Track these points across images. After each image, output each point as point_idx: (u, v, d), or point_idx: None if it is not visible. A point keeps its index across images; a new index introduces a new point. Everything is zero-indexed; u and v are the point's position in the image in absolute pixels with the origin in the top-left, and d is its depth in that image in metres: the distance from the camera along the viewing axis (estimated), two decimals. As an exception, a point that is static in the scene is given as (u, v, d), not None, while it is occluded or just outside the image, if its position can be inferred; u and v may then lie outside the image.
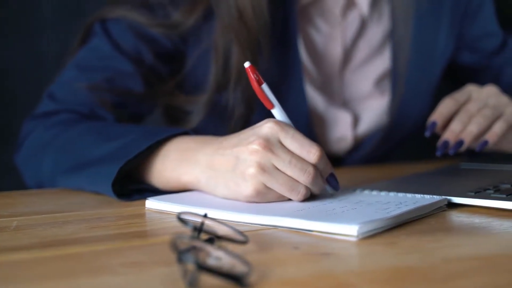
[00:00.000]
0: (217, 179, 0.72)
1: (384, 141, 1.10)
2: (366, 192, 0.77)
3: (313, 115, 1.04)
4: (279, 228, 0.64)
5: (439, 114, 0.93)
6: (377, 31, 1.06)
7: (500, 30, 1.18)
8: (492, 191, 0.74)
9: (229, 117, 0.94)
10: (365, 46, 1.06)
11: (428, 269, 0.51)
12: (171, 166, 0.77)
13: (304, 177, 0.69)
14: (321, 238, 0.60)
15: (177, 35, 0.95)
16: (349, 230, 0.59)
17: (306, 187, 0.70)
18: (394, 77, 1.06)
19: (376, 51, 1.07)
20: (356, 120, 1.07)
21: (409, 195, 0.74)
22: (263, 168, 0.69)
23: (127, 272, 0.51)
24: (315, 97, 1.04)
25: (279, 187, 0.69)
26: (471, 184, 0.79)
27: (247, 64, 0.71)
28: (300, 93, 1.02)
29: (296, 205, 0.70)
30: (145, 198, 0.75)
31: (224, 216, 0.67)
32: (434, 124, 0.93)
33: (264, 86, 0.72)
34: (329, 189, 0.75)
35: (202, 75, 0.96)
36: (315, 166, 0.70)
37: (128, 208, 0.75)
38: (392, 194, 0.76)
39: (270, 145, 0.69)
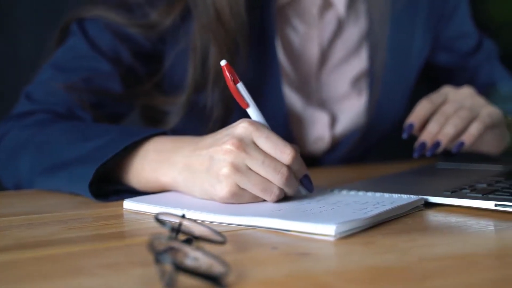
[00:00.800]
0: (193, 180, 0.72)
1: (361, 141, 1.11)
2: (344, 192, 0.78)
3: (291, 116, 1.04)
4: (257, 228, 0.64)
5: (416, 116, 0.94)
6: (353, 31, 1.07)
7: (476, 31, 1.19)
8: (468, 191, 0.75)
9: (207, 118, 0.94)
10: (341, 47, 1.07)
11: (405, 269, 0.51)
12: (150, 167, 0.77)
13: (277, 178, 0.69)
14: (299, 238, 0.60)
15: (156, 34, 0.95)
16: (327, 230, 0.59)
17: (280, 188, 0.70)
18: (371, 78, 1.07)
19: (353, 52, 1.08)
20: (333, 120, 1.08)
21: (386, 195, 0.75)
22: (236, 168, 0.69)
23: (104, 273, 0.50)
24: (292, 97, 1.05)
25: (252, 188, 0.69)
26: (448, 184, 0.80)
27: (223, 63, 0.71)
28: (278, 94, 1.02)
29: (274, 205, 0.70)
30: (122, 199, 0.75)
31: (202, 216, 0.67)
32: (411, 125, 0.93)
33: (240, 85, 0.72)
34: (303, 190, 0.75)
35: (180, 76, 0.96)
36: (289, 167, 0.70)
37: (105, 209, 0.74)
38: (369, 194, 0.76)
39: (243, 145, 0.69)
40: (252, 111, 0.73)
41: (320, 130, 1.07)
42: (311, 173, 0.75)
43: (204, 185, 0.71)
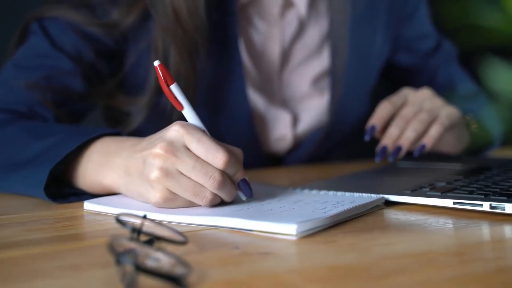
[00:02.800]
0: (131, 184, 0.71)
1: (323, 141, 1.11)
2: (306, 191, 0.78)
3: (254, 115, 1.05)
4: (219, 228, 0.64)
5: (377, 118, 0.95)
6: (315, 31, 1.08)
7: (435, 32, 1.21)
8: (427, 189, 0.76)
9: (167, 119, 0.94)
10: (303, 46, 1.07)
11: (365, 267, 0.52)
12: (93, 169, 0.76)
13: (209, 183, 0.67)
14: (261, 238, 0.60)
15: (117, 33, 0.94)
16: (288, 229, 0.60)
17: (213, 193, 0.68)
18: (332, 77, 1.08)
19: (314, 51, 1.08)
20: (295, 120, 1.08)
21: (347, 194, 0.75)
22: (166, 173, 0.67)
23: (64, 275, 0.50)
24: (255, 97, 1.05)
25: (184, 192, 0.68)
26: (408, 183, 0.81)
27: (156, 63, 0.69)
28: (242, 94, 1.02)
29: (235, 205, 0.70)
30: (82, 200, 0.74)
31: (164, 217, 0.66)
32: (373, 128, 0.94)
33: (173, 87, 0.70)
34: (242, 195, 0.72)
35: (143, 76, 0.95)
36: (222, 171, 0.68)
37: (66, 210, 0.74)
38: (331, 193, 0.77)
39: (173, 149, 0.67)
40: (187, 113, 0.71)
41: (283, 130, 1.07)
42: (274, 172, 0.75)
43: (139, 189, 0.70)
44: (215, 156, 0.67)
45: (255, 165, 1.05)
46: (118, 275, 0.46)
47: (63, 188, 0.78)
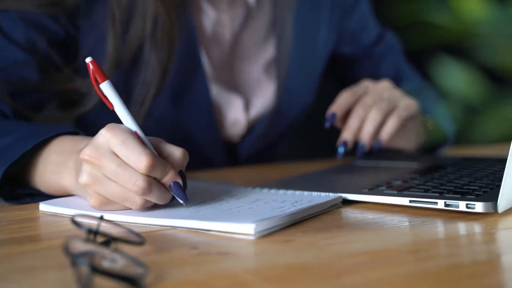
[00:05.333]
0: (79, 186, 0.70)
1: (272, 126, 1.12)
2: (264, 191, 0.78)
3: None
4: (178, 228, 0.63)
5: (338, 106, 0.98)
6: (262, 20, 1.09)
7: (377, 23, 1.24)
8: (384, 188, 0.76)
9: (127, 99, 0.93)
10: (252, 34, 1.09)
11: (322, 265, 0.52)
12: (51, 169, 0.75)
13: (133, 188, 0.65)
14: (219, 238, 0.60)
15: (63, 13, 0.93)
16: (246, 229, 0.60)
17: (142, 197, 0.66)
18: (277, 66, 1.10)
19: (262, 39, 1.10)
20: (247, 105, 1.10)
21: (305, 193, 0.76)
22: (93, 178, 0.66)
23: (19, 278, 0.49)
24: (209, 83, 1.06)
25: (113, 197, 0.66)
26: (365, 181, 0.81)
27: (88, 59, 0.68)
28: (202, 80, 1.03)
29: (193, 205, 0.70)
30: (37, 201, 0.73)
31: (121, 218, 0.66)
32: (333, 115, 0.97)
33: (105, 84, 0.68)
34: (179, 199, 0.69)
35: (98, 59, 0.95)
36: (146, 176, 0.65)
37: (21, 211, 0.73)
38: (289, 192, 0.77)
39: (98, 154, 0.66)
40: (119, 111, 0.69)
41: (237, 114, 1.08)
42: (232, 172, 0.75)
43: (83, 192, 0.70)
44: (138, 159, 0.64)
45: (215, 153, 1.06)
46: (74, 277, 0.46)
47: (17, 189, 0.77)
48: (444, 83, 1.18)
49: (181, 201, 0.68)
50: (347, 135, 0.95)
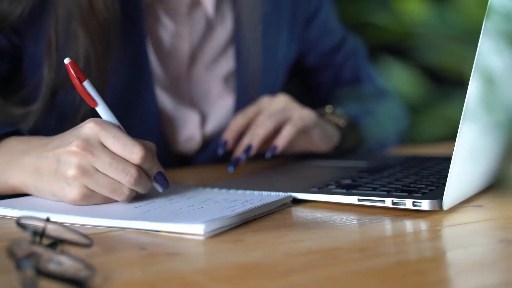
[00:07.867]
0: (42, 183, 0.70)
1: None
2: (215, 190, 0.78)
3: (162, 115, 1.04)
4: (126, 229, 0.63)
5: (229, 132, 0.98)
6: (221, 32, 1.08)
7: (340, 28, 1.24)
8: (334, 186, 0.77)
9: (74, 114, 0.91)
10: (211, 46, 1.08)
11: (271, 265, 0.53)
12: None
13: (126, 179, 0.68)
14: (169, 238, 0.60)
15: (8, 26, 0.91)
16: (196, 229, 0.60)
17: (130, 188, 0.69)
18: (238, 78, 1.09)
19: (222, 51, 1.09)
20: (204, 120, 1.08)
21: (256, 193, 0.76)
22: (83, 170, 0.67)
23: (-39, 282, 0.48)
24: (163, 97, 1.04)
25: (101, 189, 0.68)
26: (315, 181, 0.82)
27: (67, 61, 0.69)
28: (150, 93, 1.01)
29: (143, 206, 0.69)
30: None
31: (69, 219, 0.65)
32: (225, 142, 0.98)
33: (86, 83, 0.70)
34: (158, 187, 0.74)
35: (39, 78, 0.93)
36: (138, 167, 0.69)
37: (-35, 214, 0.71)
38: (240, 192, 0.77)
39: (89, 146, 0.67)
40: (101, 109, 0.72)
41: (191, 130, 1.07)
42: (183, 172, 0.76)
43: (53, 188, 0.69)
44: (132, 151, 0.68)
45: (163, 166, 1.05)
46: (18, 281, 0.45)
47: None
48: (387, 83, 1.20)
49: (160, 190, 0.74)
50: (239, 152, 0.95)
